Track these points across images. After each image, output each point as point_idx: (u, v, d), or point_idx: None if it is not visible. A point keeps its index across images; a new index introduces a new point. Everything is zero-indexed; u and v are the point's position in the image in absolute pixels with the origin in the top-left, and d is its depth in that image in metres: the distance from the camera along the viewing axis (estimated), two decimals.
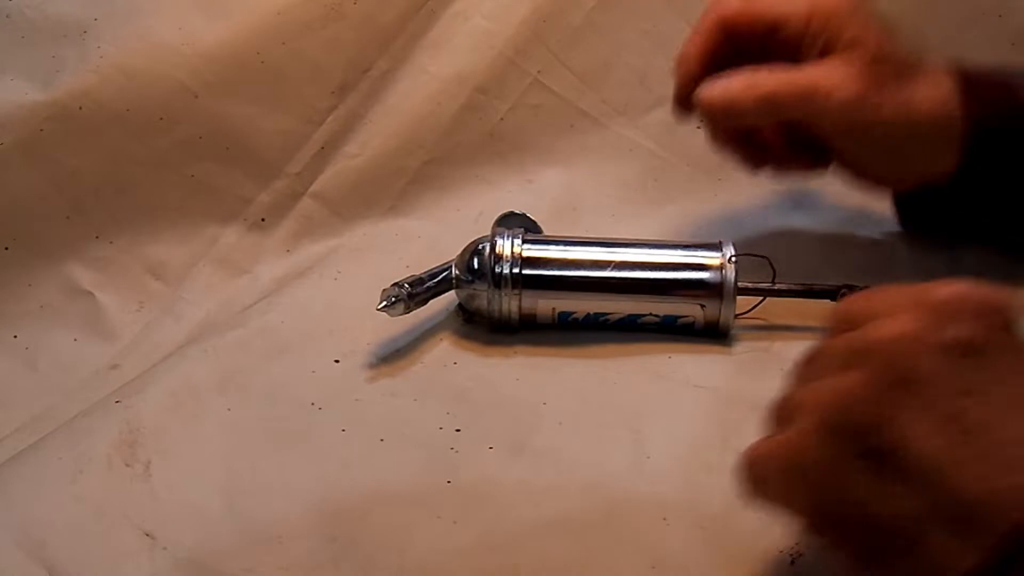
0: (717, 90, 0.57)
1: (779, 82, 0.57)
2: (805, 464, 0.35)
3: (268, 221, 0.67)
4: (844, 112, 0.56)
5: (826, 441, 0.34)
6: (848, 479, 0.34)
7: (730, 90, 0.57)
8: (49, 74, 0.63)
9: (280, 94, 0.68)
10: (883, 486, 0.33)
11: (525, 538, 0.45)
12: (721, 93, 0.57)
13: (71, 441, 0.50)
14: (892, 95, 0.56)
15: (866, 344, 0.35)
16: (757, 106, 0.57)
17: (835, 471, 0.34)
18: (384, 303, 0.55)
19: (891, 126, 0.57)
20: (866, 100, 0.56)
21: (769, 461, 0.37)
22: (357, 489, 0.47)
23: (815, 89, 0.56)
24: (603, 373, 0.55)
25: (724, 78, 0.58)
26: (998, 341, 0.33)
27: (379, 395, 0.54)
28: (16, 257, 0.62)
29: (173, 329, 0.61)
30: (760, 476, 0.38)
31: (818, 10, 0.58)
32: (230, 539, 0.45)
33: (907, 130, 0.57)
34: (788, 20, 0.58)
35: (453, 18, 0.72)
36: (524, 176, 0.72)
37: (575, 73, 0.74)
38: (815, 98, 0.56)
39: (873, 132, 0.57)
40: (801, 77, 0.57)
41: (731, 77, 0.57)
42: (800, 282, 0.59)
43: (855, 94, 0.56)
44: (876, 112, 0.56)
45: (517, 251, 0.57)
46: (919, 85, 0.57)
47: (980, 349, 0.33)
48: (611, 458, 0.49)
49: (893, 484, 0.33)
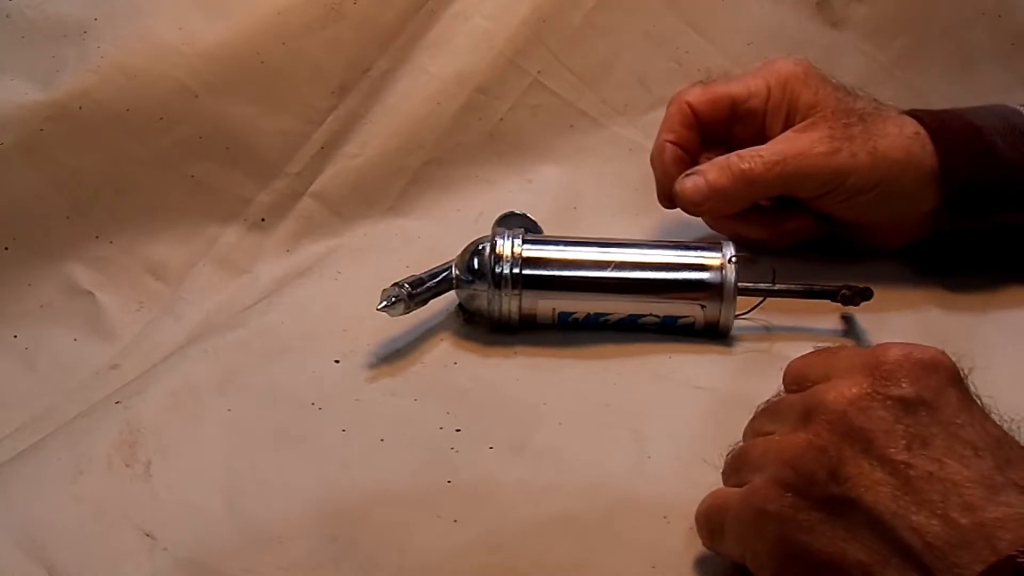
0: (689, 184, 0.60)
1: (752, 162, 0.59)
2: (763, 514, 0.37)
3: (268, 221, 0.67)
4: (818, 172, 0.58)
5: (782, 492, 0.37)
6: (804, 528, 0.36)
7: (704, 181, 0.59)
8: (49, 74, 0.63)
9: (280, 94, 0.68)
10: (838, 533, 0.35)
11: (525, 538, 0.45)
12: (693, 186, 0.60)
13: (71, 441, 0.50)
14: (862, 143, 0.58)
15: (819, 402, 0.37)
16: (735, 189, 0.59)
17: (792, 520, 0.36)
18: (384, 303, 0.55)
19: (867, 171, 0.58)
20: (837, 154, 0.58)
21: (727, 512, 0.39)
22: (357, 489, 0.47)
23: (784, 160, 0.58)
24: (603, 373, 0.55)
25: (696, 170, 0.60)
26: (941, 396, 0.36)
27: (379, 395, 0.54)
28: (16, 257, 0.62)
29: (173, 329, 0.61)
30: (717, 526, 0.40)
31: (775, 82, 0.61)
32: (230, 539, 0.45)
33: (883, 172, 0.58)
34: (749, 97, 0.62)
35: (453, 18, 0.72)
36: (524, 176, 0.72)
37: (575, 73, 0.74)
38: (787, 167, 0.58)
39: (850, 182, 0.58)
40: (768, 151, 0.59)
41: (703, 168, 0.60)
42: (800, 282, 0.59)
43: (825, 151, 0.58)
44: (850, 162, 0.58)
45: (517, 251, 0.57)
46: (887, 127, 0.59)
47: (925, 404, 0.36)
48: (611, 458, 0.49)
49: (847, 531, 0.35)
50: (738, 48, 0.74)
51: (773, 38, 0.75)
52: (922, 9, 0.75)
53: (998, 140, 0.59)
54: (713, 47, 0.75)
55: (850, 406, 0.36)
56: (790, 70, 0.61)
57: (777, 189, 0.60)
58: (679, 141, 0.62)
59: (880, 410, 0.36)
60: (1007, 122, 0.60)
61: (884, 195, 0.59)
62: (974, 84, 0.74)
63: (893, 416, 0.36)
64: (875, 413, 0.36)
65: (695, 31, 0.75)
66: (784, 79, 0.61)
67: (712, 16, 0.75)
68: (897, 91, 0.73)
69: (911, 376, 0.36)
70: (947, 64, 0.76)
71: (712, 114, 0.62)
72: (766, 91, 0.61)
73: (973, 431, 0.35)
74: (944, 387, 0.36)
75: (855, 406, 0.36)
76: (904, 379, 0.36)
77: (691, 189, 0.60)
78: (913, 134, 0.59)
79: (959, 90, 0.74)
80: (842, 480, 0.35)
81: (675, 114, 0.63)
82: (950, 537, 0.33)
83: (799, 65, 0.62)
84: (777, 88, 0.61)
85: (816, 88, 0.61)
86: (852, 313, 0.59)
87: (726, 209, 0.61)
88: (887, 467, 0.35)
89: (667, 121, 0.63)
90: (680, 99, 0.63)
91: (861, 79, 0.64)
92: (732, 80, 0.63)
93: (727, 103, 0.62)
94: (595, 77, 0.74)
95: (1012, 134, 0.59)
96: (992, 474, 0.34)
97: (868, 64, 0.75)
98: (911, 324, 0.59)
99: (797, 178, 0.59)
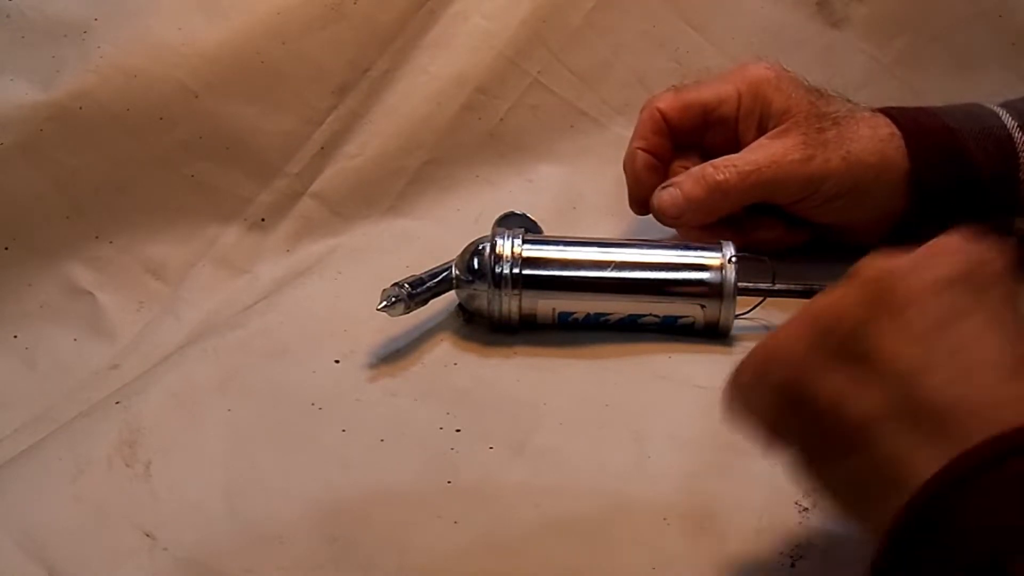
0: (666, 196, 0.59)
1: (726, 172, 0.58)
2: (776, 357, 0.37)
3: (268, 221, 0.67)
4: (792, 180, 0.58)
5: (803, 337, 0.36)
6: (812, 369, 0.35)
7: (679, 193, 0.59)
8: (49, 74, 0.63)
9: (280, 94, 0.67)
10: (847, 383, 0.34)
11: (525, 538, 0.45)
12: (670, 199, 0.59)
13: (71, 441, 0.50)
14: (835, 148, 0.58)
15: (861, 267, 0.37)
16: (711, 200, 0.59)
17: (801, 363, 0.36)
18: (384, 303, 0.55)
19: (841, 176, 0.58)
20: (811, 161, 0.58)
21: (753, 354, 0.39)
22: (357, 489, 0.47)
23: (759, 169, 0.58)
24: (603, 373, 0.55)
25: (672, 182, 0.60)
26: (987, 278, 0.36)
27: (379, 395, 0.54)
28: (16, 257, 0.62)
29: (173, 329, 0.61)
30: (741, 368, 0.39)
31: (746, 87, 0.61)
32: (230, 539, 0.45)
33: (857, 176, 0.58)
34: (720, 103, 0.61)
35: (453, 18, 0.72)
36: (524, 176, 0.72)
37: (575, 73, 0.74)
38: (762, 176, 0.58)
39: (824, 188, 0.59)
40: (741, 161, 0.59)
41: (679, 179, 0.60)
42: (800, 282, 0.59)
43: (799, 159, 0.58)
44: (824, 168, 0.58)
45: (517, 251, 0.57)
46: (860, 129, 0.59)
47: (968, 282, 0.35)
48: (611, 458, 0.49)
49: (861, 384, 0.34)
50: (738, 48, 0.74)
51: (773, 38, 0.75)
52: (922, 9, 0.75)
53: (971, 144, 0.59)
54: (713, 47, 0.75)
55: (890, 273, 0.36)
56: (761, 75, 0.61)
57: (752, 198, 0.60)
58: (650, 148, 0.62)
59: (920, 283, 0.35)
60: (982, 124, 0.60)
61: (858, 198, 0.59)
62: (974, 84, 0.74)
63: (932, 289, 0.35)
64: (913, 282, 0.35)
65: (695, 31, 0.75)
66: (755, 84, 0.61)
67: (712, 16, 0.75)
68: (897, 91, 0.73)
69: (959, 257, 0.36)
70: (947, 64, 0.75)
71: (683, 120, 0.62)
72: (736, 97, 0.61)
73: (1011, 318, 0.35)
74: (991, 272, 0.36)
75: (895, 274, 0.36)
76: (951, 258, 0.36)
77: (668, 203, 0.59)
78: (887, 136, 0.59)
79: (959, 90, 0.73)
80: (864, 336, 0.35)
81: (646, 121, 0.62)
82: (961, 405, 0.32)
83: (770, 70, 0.61)
84: (748, 94, 0.61)
85: (788, 93, 0.60)
86: None
87: (703, 219, 0.60)
88: (916, 332, 0.34)
89: (639, 128, 0.63)
90: (651, 105, 0.62)
91: (861, 79, 0.65)
92: (703, 85, 0.63)
93: (698, 109, 0.62)
94: (595, 77, 0.74)
95: (986, 139, 0.59)
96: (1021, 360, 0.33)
97: (868, 64, 0.75)
98: None
99: (772, 186, 0.59)
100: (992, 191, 0.59)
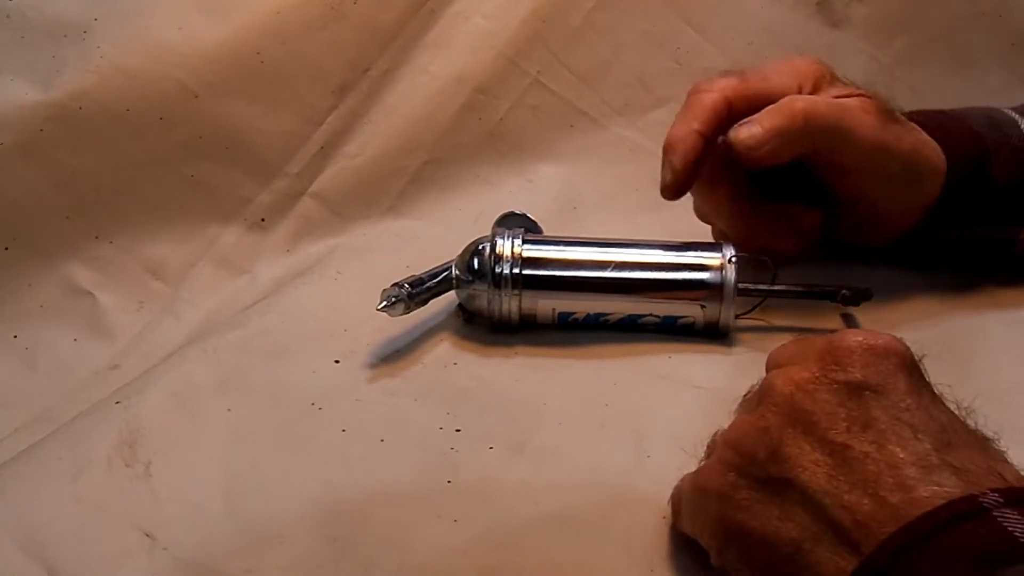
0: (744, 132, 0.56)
1: (815, 103, 0.56)
2: (705, 492, 0.39)
3: (268, 221, 0.67)
4: (867, 139, 0.56)
5: (724, 472, 0.38)
6: (742, 506, 0.37)
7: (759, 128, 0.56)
8: (49, 74, 0.63)
9: (280, 94, 0.68)
10: (774, 511, 0.36)
11: (525, 538, 0.45)
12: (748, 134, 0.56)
13: (71, 442, 0.50)
14: (906, 130, 0.57)
15: (769, 386, 0.38)
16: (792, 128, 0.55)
17: (730, 499, 0.37)
18: (384, 303, 0.55)
19: (908, 157, 0.57)
20: (886, 128, 0.57)
21: (683, 489, 0.42)
22: (357, 489, 0.47)
23: (845, 110, 0.56)
24: (603, 373, 0.55)
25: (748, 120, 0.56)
26: (889, 381, 0.36)
27: (379, 395, 0.54)
28: (16, 257, 0.62)
29: (173, 329, 0.61)
30: (676, 502, 0.43)
31: (804, 80, 0.59)
32: (230, 539, 0.45)
33: (919, 163, 0.58)
34: (783, 94, 0.58)
35: (453, 18, 0.72)
36: (524, 176, 0.72)
37: (575, 73, 0.74)
38: (844, 118, 0.56)
39: (891, 165, 0.57)
40: (834, 102, 0.57)
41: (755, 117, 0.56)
42: (800, 282, 0.59)
43: (877, 124, 0.57)
44: (897, 144, 0.57)
45: (517, 251, 0.57)
46: (906, 125, 0.58)
47: (871, 388, 0.36)
48: (611, 458, 0.49)
49: (783, 509, 0.36)
50: (738, 48, 0.74)
51: (773, 38, 0.75)
52: (922, 9, 0.75)
53: (992, 152, 0.59)
54: (713, 47, 0.75)
55: (797, 389, 0.37)
56: (819, 71, 0.59)
57: (826, 139, 0.56)
58: (706, 133, 0.58)
59: (825, 393, 0.36)
60: (1000, 132, 0.60)
61: (906, 186, 0.58)
62: (974, 84, 0.74)
63: (837, 400, 0.36)
64: (820, 396, 0.36)
65: (695, 31, 0.75)
66: (816, 81, 0.59)
67: (712, 16, 0.75)
68: (897, 91, 0.73)
69: (861, 361, 0.37)
70: (947, 64, 0.76)
71: (744, 111, 0.58)
72: (797, 89, 0.59)
73: (917, 415, 0.35)
74: (894, 372, 0.36)
75: (801, 389, 0.37)
76: (853, 364, 0.37)
77: (746, 134, 0.56)
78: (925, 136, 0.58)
79: (959, 90, 0.74)
80: (781, 460, 0.36)
81: (709, 106, 0.58)
82: (879, 514, 0.33)
83: (823, 66, 0.60)
84: (808, 87, 0.59)
85: (844, 85, 0.60)
86: (852, 313, 0.59)
87: (780, 153, 0.56)
88: (826, 448, 0.35)
89: (697, 110, 0.58)
90: (717, 90, 0.59)
91: (861, 79, 0.64)
92: (766, 76, 0.60)
93: (763, 101, 0.58)
94: (595, 77, 0.74)
95: (1003, 147, 0.59)
96: (929, 456, 0.34)
97: (868, 64, 0.75)
98: (911, 324, 0.59)
99: (847, 135, 0.56)
100: (1005, 200, 0.59)
